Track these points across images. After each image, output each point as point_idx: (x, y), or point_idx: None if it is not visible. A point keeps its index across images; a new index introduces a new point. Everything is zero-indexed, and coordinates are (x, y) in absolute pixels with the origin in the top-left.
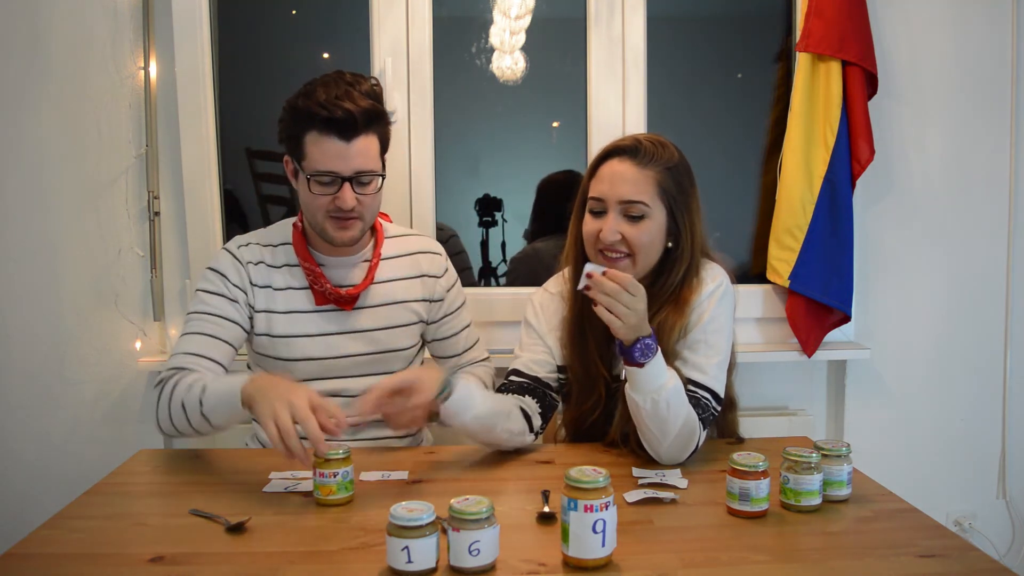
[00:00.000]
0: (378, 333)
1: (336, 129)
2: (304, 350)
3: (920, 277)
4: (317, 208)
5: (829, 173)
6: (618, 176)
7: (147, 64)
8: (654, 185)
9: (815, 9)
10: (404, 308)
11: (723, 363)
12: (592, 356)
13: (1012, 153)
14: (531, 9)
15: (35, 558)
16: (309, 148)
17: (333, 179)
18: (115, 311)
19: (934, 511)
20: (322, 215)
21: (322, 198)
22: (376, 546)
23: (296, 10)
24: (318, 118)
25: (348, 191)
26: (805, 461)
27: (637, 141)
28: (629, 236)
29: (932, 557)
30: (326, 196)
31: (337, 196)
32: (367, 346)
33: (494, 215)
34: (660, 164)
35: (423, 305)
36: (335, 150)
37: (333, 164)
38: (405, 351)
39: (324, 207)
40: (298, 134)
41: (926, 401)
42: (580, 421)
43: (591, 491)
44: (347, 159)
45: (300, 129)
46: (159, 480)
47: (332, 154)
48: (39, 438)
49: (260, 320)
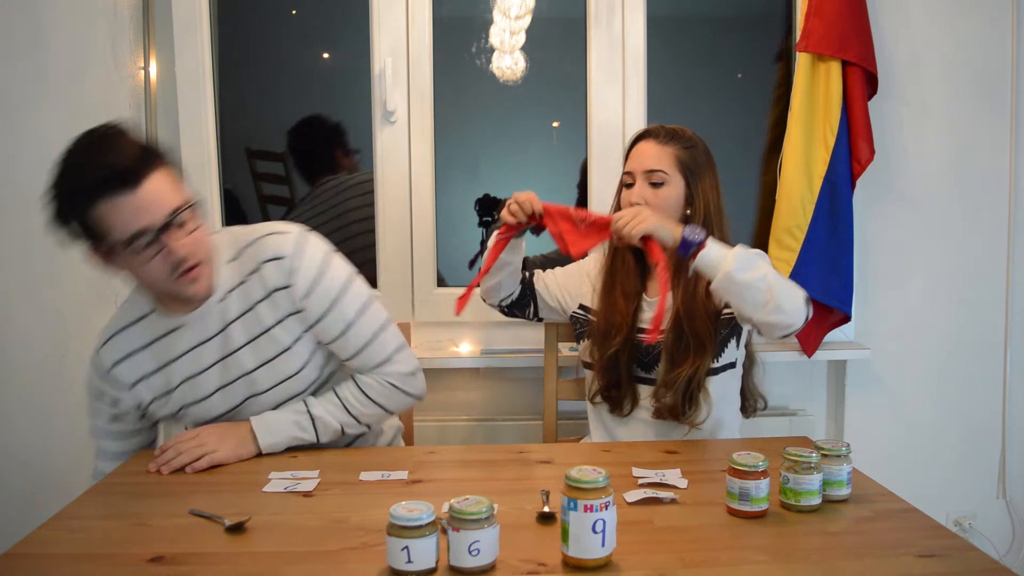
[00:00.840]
0: (262, 370)
1: (117, 186)
2: (212, 409)
3: (920, 277)
4: (157, 275)
5: (829, 173)
6: (643, 152)
7: (147, 64)
8: (673, 159)
9: (815, 9)
10: (274, 333)
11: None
12: (618, 304)
13: (1012, 153)
14: (531, 9)
15: (35, 558)
16: (104, 220)
17: (149, 238)
18: (115, 311)
19: (934, 511)
20: (166, 280)
21: (153, 262)
22: (376, 546)
23: (296, 10)
24: (92, 186)
25: (172, 240)
26: (805, 461)
27: (661, 126)
28: (650, 200)
29: (932, 557)
30: (156, 259)
31: (165, 252)
32: (262, 384)
33: (494, 215)
34: (679, 143)
35: (292, 320)
36: (130, 206)
37: (137, 220)
38: (301, 372)
39: (162, 272)
40: (84, 217)
41: (926, 401)
42: (606, 361)
43: (591, 491)
44: (148, 209)
45: (83, 210)
46: (159, 480)
47: (130, 211)
48: (39, 438)
49: (159, 406)
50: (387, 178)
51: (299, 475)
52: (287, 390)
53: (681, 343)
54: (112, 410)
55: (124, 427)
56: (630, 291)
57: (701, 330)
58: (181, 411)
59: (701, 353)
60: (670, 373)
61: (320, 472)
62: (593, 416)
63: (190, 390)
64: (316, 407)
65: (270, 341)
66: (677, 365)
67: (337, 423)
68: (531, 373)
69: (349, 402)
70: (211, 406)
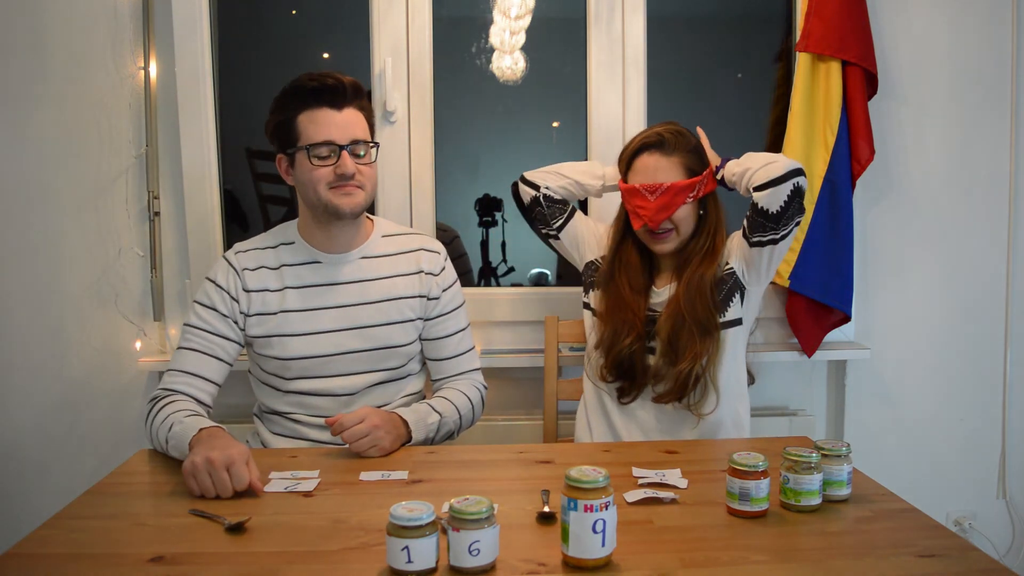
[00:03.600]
0: (376, 329)
1: (327, 99)
2: (298, 348)
3: (920, 277)
4: (318, 181)
5: (829, 173)
6: (651, 167)
7: (147, 64)
8: (683, 168)
9: (815, 9)
10: (402, 304)
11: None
12: (625, 295)
13: (1012, 153)
14: (531, 9)
15: (35, 558)
16: (303, 125)
17: (331, 149)
18: (115, 311)
19: (934, 511)
20: (324, 187)
21: (322, 170)
22: (376, 546)
23: (296, 10)
24: (308, 91)
25: (347, 157)
26: (805, 461)
27: (659, 135)
28: (672, 216)
29: (932, 557)
30: (326, 167)
31: (337, 164)
32: (364, 342)
33: (494, 215)
34: (683, 149)
35: (419, 302)
36: (328, 119)
37: (328, 133)
38: (403, 348)
39: (325, 179)
40: (289, 117)
41: (926, 401)
42: (618, 357)
43: (591, 491)
44: (341, 127)
45: (291, 111)
46: (159, 480)
47: (326, 123)
48: (39, 438)
49: (253, 323)
50: (387, 178)
51: (299, 475)
52: (380, 359)
53: (684, 331)
54: (216, 312)
55: (211, 347)
56: (637, 286)
57: (702, 315)
58: (275, 337)
59: (705, 339)
60: (671, 360)
61: (320, 472)
62: (592, 394)
63: (298, 319)
64: (438, 405)
65: (396, 307)
66: (679, 354)
67: (452, 424)
68: (531, 373)
69: (457, 403)
70: (304, 345)
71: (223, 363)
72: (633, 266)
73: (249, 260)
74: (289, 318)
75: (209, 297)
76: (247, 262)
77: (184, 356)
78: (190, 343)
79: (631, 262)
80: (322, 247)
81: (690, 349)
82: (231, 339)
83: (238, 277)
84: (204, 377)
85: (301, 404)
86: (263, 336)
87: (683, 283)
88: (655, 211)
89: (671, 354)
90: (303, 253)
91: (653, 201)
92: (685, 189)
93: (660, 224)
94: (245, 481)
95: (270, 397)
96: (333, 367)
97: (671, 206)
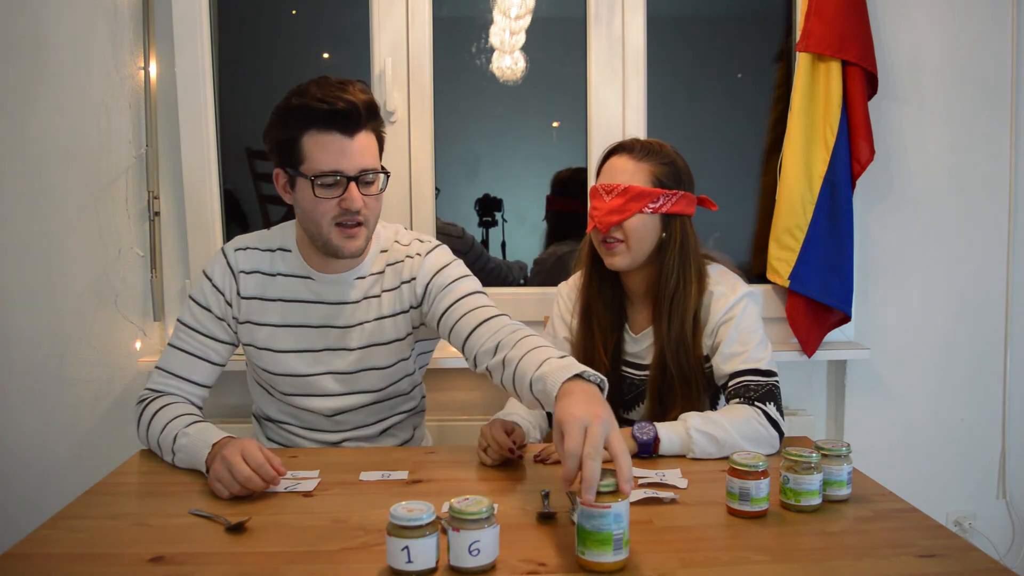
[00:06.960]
0: (358, 352)
1: (338, 124)
2: (287, 365)
3: (920, 277)
4: (322, 215)
5: (829, 173)
6: (617, 168)
7: (147, 64)
8: (648, 175)
9: (815, 9)
10: (386, 324)
11: (760, 343)
12: (595, 340)
13: (1012, 153)
14: (531, 9)
15: (35, 558)
16: (309, 149)
17: (337, 180)
18: (115, 311)
19: (934, 511)
20: (327, 223)
21: (327, 202)
22: (376, 546)
23: (296, 10)
24: (318, 113)
25: (355, 191)
26: (805, 461)
27: (636, 140)
28: (623, 223)
29: (932, 557)
30: (331, 200)
31: (343, 198)
32: (347, 364)
33: (494, 215)
34: (656, 159)
35: (403, 318)
36: (338, 147)
37: (337, 162)
38: (385, 370)
39: (329, 213)
40: (294, 136)
41: (926, 401)
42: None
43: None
44: (351, 156)
45: (297, 130)
46: (159, 480)
47: (335, 151)
48: (39, 438)
49: (244, 331)
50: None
51: (299, 475)
52: (362, 381)
53: (665, 383)
54: (210, 312)
55: (202, 348)
56: (606, 325)
57: (686, 366)
58: (265, 351)
59: (687, 394)
60: (658, 417)
61: (320, 472)
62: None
63: (285, 335)
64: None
65: (379, 329)
66: (665, 408)
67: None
68: None
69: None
70: (291, 361)
71: (214, 365)
72: (604, 300)
73: (246, 262)
74: (277, 333)
75: (204, 296)
76: (244, 263)
77: (175, 357)
78: (182, 343)
79: (603, 295)
80: (317, 267)
81: (679, 406)
82: (223, 341)
83: (234, 280)
84: (194, 381)
85: (295, 416)
86: (252, 346)
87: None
88: (606, 212)
89: (659, 415)
90: (297, 266)
91: (608, 202)
92: (644, 196)
93: (609, 228)
94: (259, 457)
95: (265, 401)
96: (318, 386)
97: (624, 211)
